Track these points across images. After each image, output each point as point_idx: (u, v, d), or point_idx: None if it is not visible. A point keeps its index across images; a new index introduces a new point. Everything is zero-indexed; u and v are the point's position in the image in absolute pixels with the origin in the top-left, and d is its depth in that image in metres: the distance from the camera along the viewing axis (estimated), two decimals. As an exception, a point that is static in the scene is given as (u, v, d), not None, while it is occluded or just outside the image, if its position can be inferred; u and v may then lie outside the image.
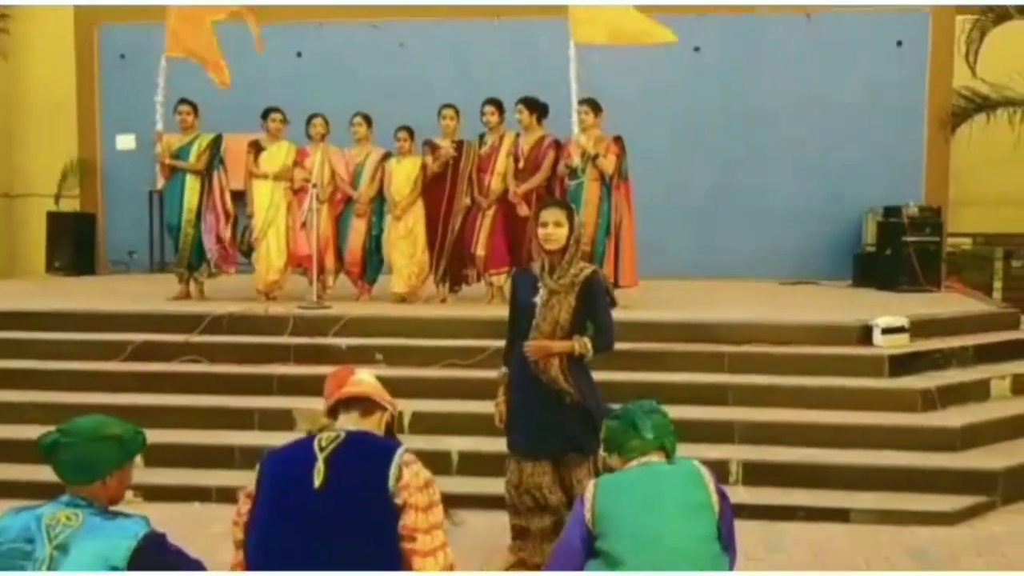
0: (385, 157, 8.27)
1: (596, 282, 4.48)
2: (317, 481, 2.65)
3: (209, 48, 8.25)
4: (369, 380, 3.03)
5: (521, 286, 4.56)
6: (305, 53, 12.15)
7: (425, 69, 11.58)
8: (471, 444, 5.70)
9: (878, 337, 6.57)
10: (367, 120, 8.36)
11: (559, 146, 7.87)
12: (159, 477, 5.61)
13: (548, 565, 2.92)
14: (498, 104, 8.02)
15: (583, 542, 2.85)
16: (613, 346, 4.51)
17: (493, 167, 8.02)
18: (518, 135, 8.04)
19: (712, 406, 6.04)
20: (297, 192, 8.33)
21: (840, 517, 5.22)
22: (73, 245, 11.70)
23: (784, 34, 11.40)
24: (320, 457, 2.70)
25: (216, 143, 8.38)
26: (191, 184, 8.26)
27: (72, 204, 12.47)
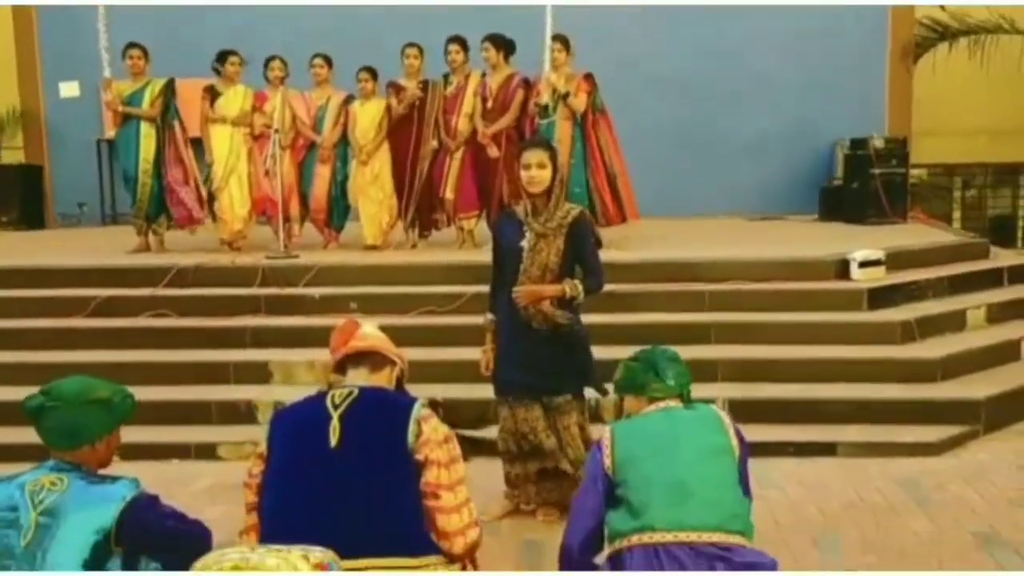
0: (348, 100, 8.02)
1: (584, 223, 4.39)
2: (333, 440, 2.54)
3: None
4: (376, 334, 2.91)
5: (506, 230, 4.44)
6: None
7: (386, 7, 11.18)
8: (455, 392, 5.60)
9: (856, 271, 6.58)
10: (328, 61, 8.07)
11: (528, 85, 7.67)
12: (134, 435, 5.29)
13: (571, 515, 2.85)
14: (462, 42, 7.77)
15: (603, 490, 2.78)
16: (603, 287, 4.44)
17: (460, 108, 7.80)
18: (484, 74, 7.83)
19: (695, 345, 5.96)
20: (257, 138, 8.05)
21: (828, 451, 5.25)
22: (20, 199, 11.24)
23: (745, -33, 11.22)
24: (335, 415, 2.58)
25: (169, 88, 8.05)
26: (146, 132, 7.92)
27: (15, 156, 11.97)
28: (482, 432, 5.26)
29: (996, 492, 4.66)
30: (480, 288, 6.30)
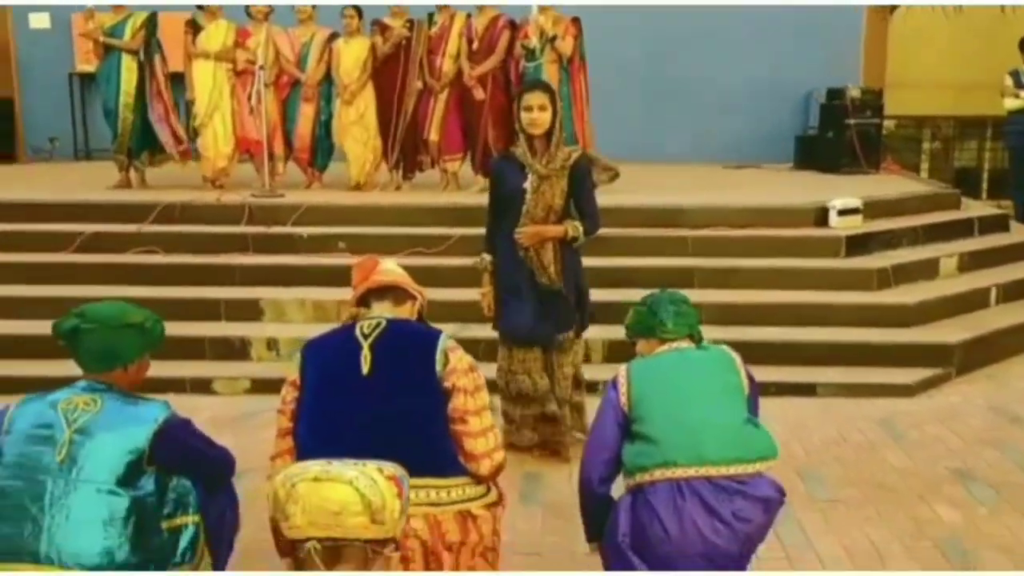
0: (332, 37, 7.94)
1: (585, 166, 4.49)
2: (365, 367, 2.64)
3: None
4: (396, 269, 2.99)
5: (506, 173, 4.49)
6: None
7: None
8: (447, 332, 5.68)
9: (834, 219, 6.75)
10: (312, -3, 7.99)
11: (514, 26, 7.67)
12: (129, 370, 5.49)
13: (586, 451, 2.97)
14: (448, -21, 7.75)
15: (618, 425, 2.89)
16: (599, 229, 4.55)
17: (445, 49, 7.77)
18: (469, 15, 7.80)
19: (678, 289, 6.13)
20: (240, 74, 7.96)
21: (808, 392, 5.45)
22: (-9, 132, 11.04)
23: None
24: (365, 344, 2.68)
25: (151, 21, 7.93)
26: (127, 65, 7.82)
27: (-17, 89, 11.72)
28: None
29: (968, 432, 4.90)
30: (467, 231, 6.43)
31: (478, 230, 5.03)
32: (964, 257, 6.95)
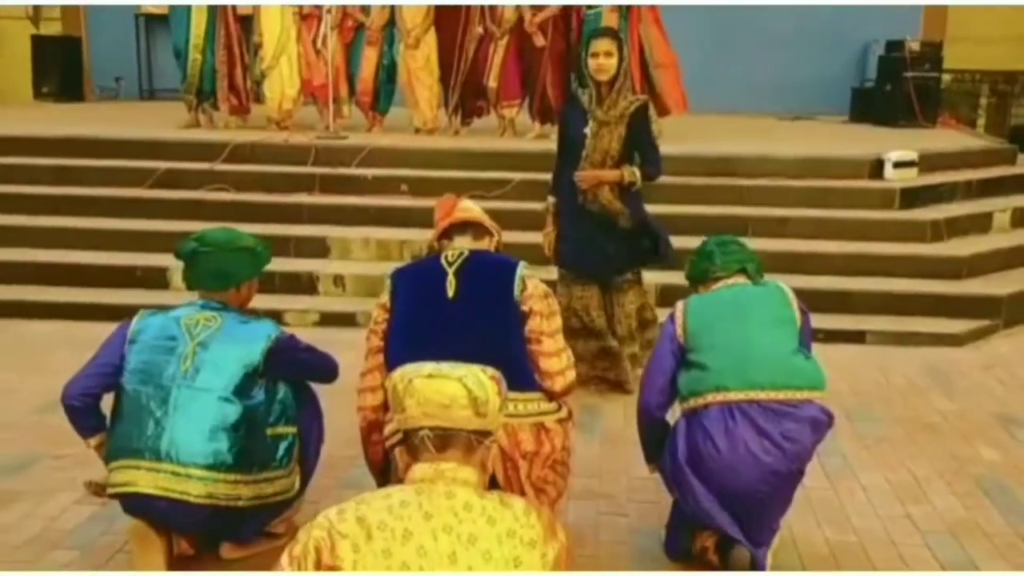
0: (396, -17, 8.11)
1: (645, 113, 4.64)
2: (450, 292, 2.89)
3: None
4: (475, 207, 3.22)
5: (571, 118, 4.68)
6: None
7: None
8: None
9: (889, 171, 6.82)
10: (378, -57, 8.13)
11: (576, -27, 7.77)
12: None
13: (644, 378, 3.18)
14: (512, -72, 7.83)
15: (674, 355, 3.09)
16: (660, 174, 4.70)
17: (506, -6, 7.90)
18: (532, -38, 7.90)
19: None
20: (305, 18, 8.18)
21: (857, 339, 5.60)
22: (59, 70, 11.34)
23: None
24: (450, 271, 2.92)
25: (221, -35, 8.15)
26: (198, 8, 8.06)
27: (53, 27, 12.03)
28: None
29: (1014, 379, 5.04)
30: (525, 175, 6.61)
31: (536, 175, 5.23)
32: (1018, 212, 6.99)
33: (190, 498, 2.86)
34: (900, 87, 9.54)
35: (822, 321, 5.60)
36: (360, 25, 8.18)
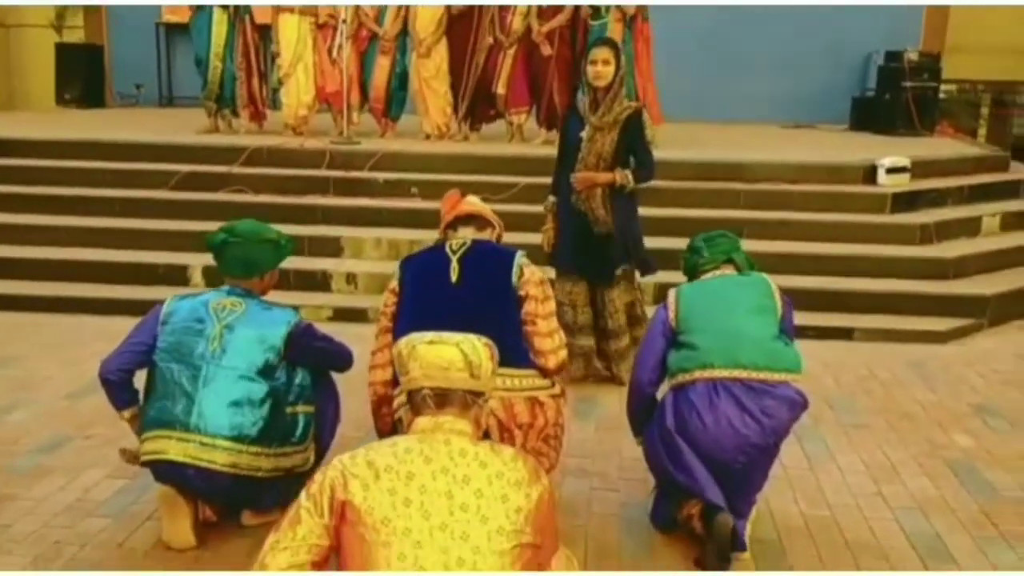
0: (409, -6, 8.41)
1: (638, 118, 4.89)
2: (454, 277, 3.20)
3: None
4: (478, 202, 3.51)
5: (570, 124, 4.97)
6: None
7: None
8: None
9: (882, 176, 7.08)
10: (392, -44, 8.44)
11: (582, -15, 8.05)
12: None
13: (637, 358, 3.46)
14: (521, -57, 8.13)
15: (665, 337, 3.37)
16: (653, 178, 4.97)
17: (515, 6, 8.19)
18: (540, -26, 8.20)
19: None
20: (321, 28, 8.49)
21: (846, 335, 5.85)
22: (82, 77, 11.69)
23: None
24: (454, 258, 3.22)
25: (241, -24, 8.48)
26: (219, 17, 8.40)
27: (76, 35, 12.40)
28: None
29: (993, 374, 5.28)
30: (531, 179, 6.88)
31: (542, 179, 5.50)
32: (1007, 216, 7.24)
33: (215, 466, 3.14)
34: (899, 96, 9.80)
35: (813, 319, 5.90)
36: (374, 35, 8.49)
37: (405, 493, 1.99)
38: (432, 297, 3.16)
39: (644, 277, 5.14)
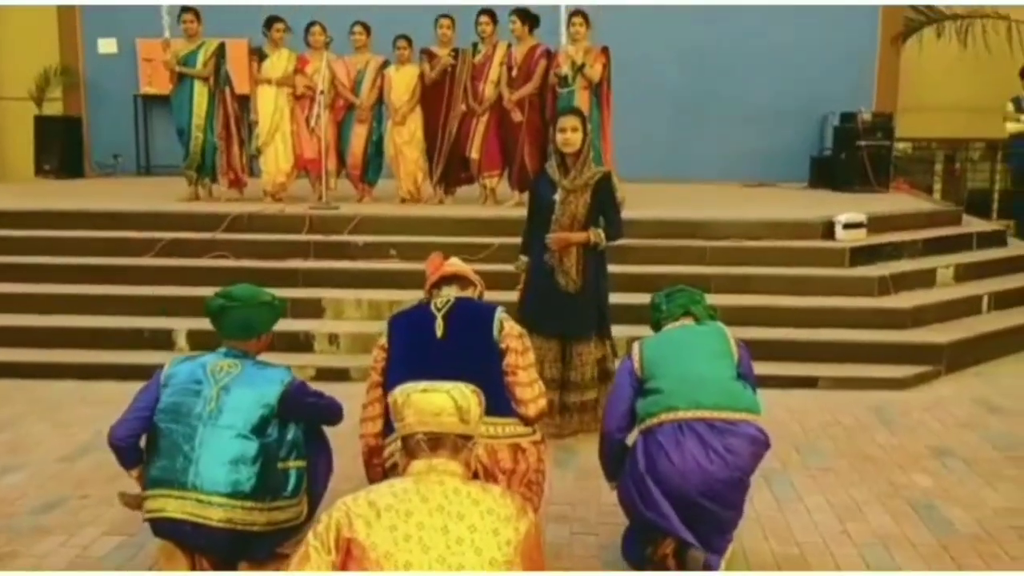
0: (384, 64, 8.75)
1: (607, 183, 5.16)
2: (439, 333, 3.43)
3: None
4: (460, 263, 3.77)
5: (541, 188, 5.22)
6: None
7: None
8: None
9: (840, 232, 7.41)
10: (366, 29, 8.80)
11: (550, 55, 8.39)
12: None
13: (607, 406, 3.68)
14: (492, 14, 8.50)
15: (632, 387, 3.61)
16: (622, 236, 5.24)
17: (487, 75, 8.54)
18: (510, 45, 8.56)
19: (697, 293, 6.83)
20: (299, 98, 8.79)
21: (810, 384, 6.08)
22: (61, 148, 11.91)
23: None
24: (439, 315, 3.46)
25: (221, 50, 8.78)
26: (199, 90, 8.67)
27: (55, 108, 12.64)
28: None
29: (951, 418, 5.54)
30: (504, 240, 7.13)
31: (514, 239, 5.75)
32: (960, 268, 7.58)
33: (211, 522, 3.30)
34: (854, 155, 10.23)
35: (778, 368, 6.13)
36: (351, 104, 8.79)
37: (405, 529, 2.18)
38: (420, 352, 3.38)
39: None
